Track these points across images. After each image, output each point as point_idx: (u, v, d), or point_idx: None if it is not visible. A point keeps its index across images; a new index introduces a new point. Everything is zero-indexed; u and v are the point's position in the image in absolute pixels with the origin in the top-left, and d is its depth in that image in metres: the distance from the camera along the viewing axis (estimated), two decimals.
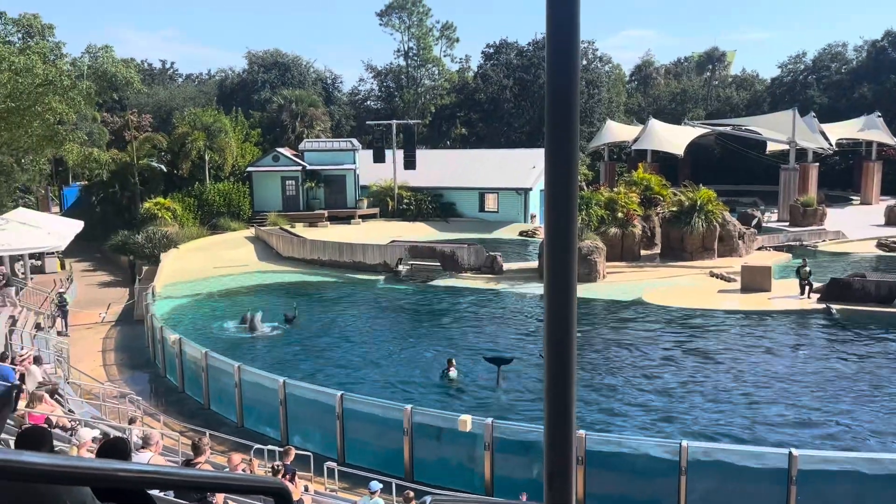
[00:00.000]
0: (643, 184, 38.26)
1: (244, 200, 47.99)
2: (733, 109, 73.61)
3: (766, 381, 19.47)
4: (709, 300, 28.08)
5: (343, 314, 28.45)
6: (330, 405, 16.22)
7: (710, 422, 17.01)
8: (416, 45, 73.98)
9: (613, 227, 34.56)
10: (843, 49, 74.00)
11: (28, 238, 30.03)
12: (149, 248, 38.33)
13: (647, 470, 13.76)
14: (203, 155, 47.75)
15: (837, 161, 61.96)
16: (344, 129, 68.44)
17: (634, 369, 20.66)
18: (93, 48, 47.53)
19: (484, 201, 50.64)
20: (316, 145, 51.73)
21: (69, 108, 30.58)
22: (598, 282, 30.77)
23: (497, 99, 67.79)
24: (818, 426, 16.61)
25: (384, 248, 36.56)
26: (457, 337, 24.70)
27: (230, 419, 18.76)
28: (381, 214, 49.99)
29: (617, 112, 73.12)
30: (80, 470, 1.43)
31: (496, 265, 33.69)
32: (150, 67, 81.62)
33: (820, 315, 25.76)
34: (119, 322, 29.54)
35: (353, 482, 14.52)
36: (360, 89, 79.94)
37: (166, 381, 22.40)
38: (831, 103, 67.53)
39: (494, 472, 14.42)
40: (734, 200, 50.75)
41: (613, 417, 17.30)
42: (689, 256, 34.64)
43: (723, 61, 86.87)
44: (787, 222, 47.33)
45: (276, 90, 64.23)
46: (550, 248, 1.84)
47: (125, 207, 46.87)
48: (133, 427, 14.09)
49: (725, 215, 36.19)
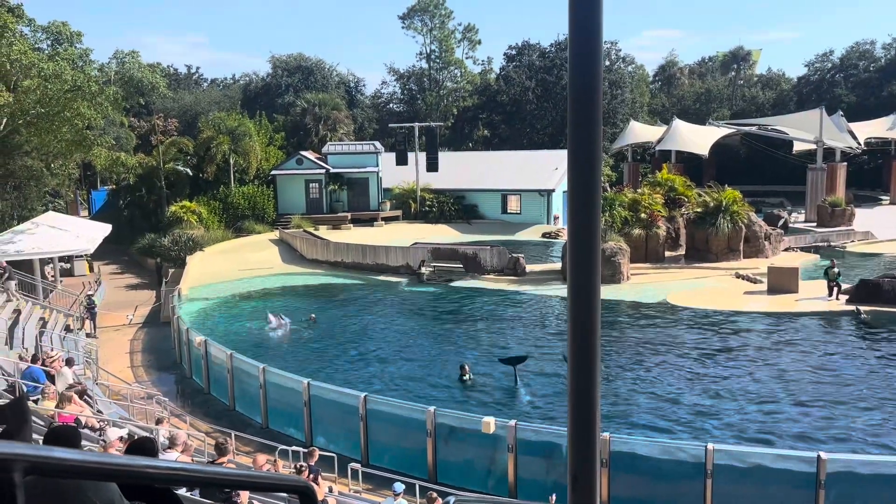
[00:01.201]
0: (667, 184, 37.94)
1: (268, 203, 48.39)
2: (759, 109, 72.75)
3: (793, 383, 19.19)
4: (735, 302, 27.76)
5: (366, 316, 28.56)
6: (353, 406, 16.29)
7: (736, 424, 16.81)
8: (439, 47, 74.11)
9: (637, 228, 34.31)
10: (871, 47, 72.80)
11: (57, 241, 30.58)
12: (175, 250, 38.78)
13: (672, 472, 13.63)
14: (228, 158, 48.23)
15: (866, 160, 60.96)
16: (367, 132, 68.76)
17: (660, 371, 20.47)
18: (120, 54, 48.27)
19: (506, 203, 50.56)
20: (339, 148, 52.04)
21: (97, 113, 31.13)
22: (623, 283, 30.56)
23: (519, 100, 67.66)
24: (846, 429, 16.33)
25: (407, 250, 36.64)
26: (479, 338, 24.68)
27: (255, 420, 18.91)
28: (403, 217, 50.13)
29: (640, 113, 72.64)
30: (110, 466, 1.46)
31: (519, 267, 33.61)
32: (175, 72, 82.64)
33: (849, 317, 25.35)
34: (146, 324, 29.90)
35: (376, 483, 14.56)
36: (383, 92, 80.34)
37: (192, 382, 22.64)
38: (860, 102, 66.45)
39: (518, 473, 14.38)
40: (760, 201, 50.17)
41: (639, 419, 17.16)
42: (714, 258, 34.28)
43: (748, 60, 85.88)
44: (814, 223, 46.66)
45: (299, 94, 64.69)
46: (574, 249, 1.84)
47: (152, 211, 47.47)
48: (160, 427, 14.27)
49: (751, 216, 35.76)
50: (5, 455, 1.26)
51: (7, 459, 1.26)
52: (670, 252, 36.03)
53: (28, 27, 35.71)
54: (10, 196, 33.42)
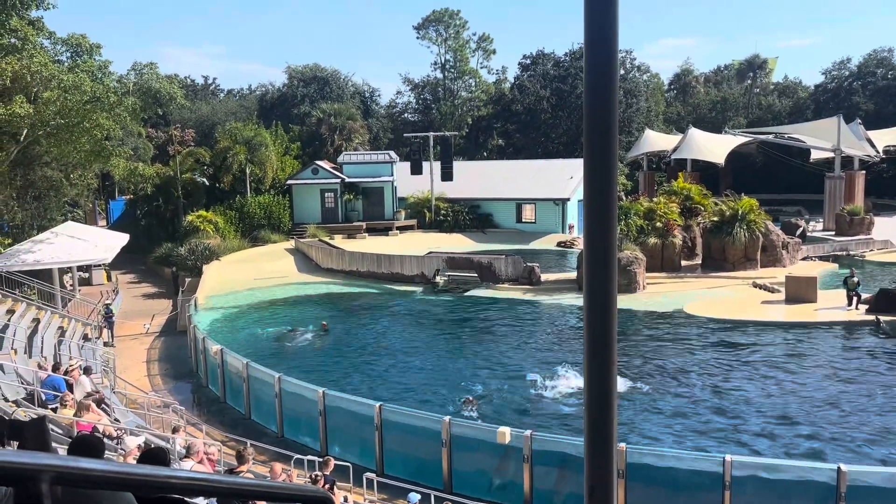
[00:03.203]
0: (683, 193, 37.75)
1: (284, 213, 48.65)
2: (775, 117, 72.32)
3: (812, 393, 18.98)
4: (752, 311, 27.51)
5: (381, 325, 28.60)
6: (369, 416, 16.28)
7: (756, 435, 16.63)
8: (453, 57, 74.40)
9: (653, 237, 34.15)
10: (889, 54, 72.20)
11: (76, 251, 30.90)
12: (191, 260, 39.05)
13: (689, 484, 13.50)
14: (244, 168, 48.57)
15: (885, 168, 60.35)
16: (382, 142, 69.06)
17: (677, 382, 20.32)
18: (138, 65, 48.88)
19: (521, 212, 50.51)
20: (354, 158, 52.28)
21: (116, 123, 31.48)
22: (639, 293, 30.40)
23: (534, 110, 67.69)
24: (867, 441, 16.11)
25: (422, 259, 36.67)
26: (494, 349, 24.61)
27: (271, 429, 18.95)
28: (418, 226, 50.22)
29: (656, 121, 72.43)
30: (134, 476, 1.48)
31: (534, 276, 33.53)
32: (192, 83, 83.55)
33: (868, 327, 25.05)
34: (163, 333, 30.09)
35: (391, 493, 14.52)
36: (398, 102, 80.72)
37: (208, 391, 22.73)
38: (878, 109, 65.87)
39: (534, 484, 14.29)
40: (777, 210, 49.81)
41: (656, 430, 17.03)
42: (730, 267, 34.02)
43: (764, 68, 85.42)
44: (832, 231, 46.21)
45: (315, 104, 65.12)
46: (590, 258, 1.84)
47: (169, 220, 47.87)
48: (176, 436, 14.33)
49: (768, 225, 35.48)
50: (34, 466, 1.28)
51: (35, 470, 1.28)
52: (686, 261, 35.81)
53: (48, 40, 36.27)
54: (30, 206, 33.84)
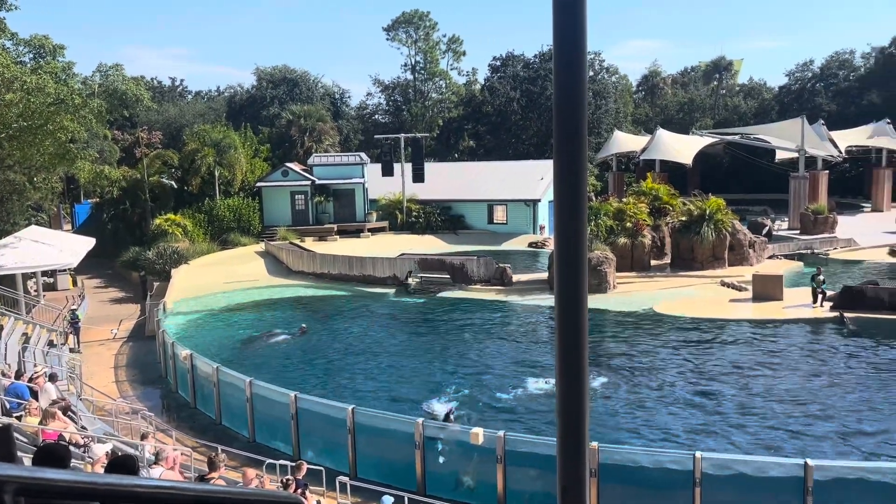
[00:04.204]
0: (652, 194, 38.17)
1: (254, 215, 48.23)
2: (741, 118, 73.44)
3: (782, 390, 19.32)
4: (721, 310, 27.92)
5: (353, 327, 28.47)
6: (341, 419, 16.20)
7: (727, 430, 16.87)
8: (424, 58, 74.38)
9: (623, 237, 34.48)
10: (850, 56, 73.78)
11: (40, 255, 30.28)
12: (160, 263, 38.52)
13: (661, 482, 13.65)
14: (213, 171, 48.05)
15: (847, 168, 61.69)
16: (352, 144, 68.76)
17: (648, 380, 20.54)
18: (103, 67, 48.12)
19: (493, 213, 50.67)
20: (325, 160, 52.02)
21: (80, 126, 30.94)
22: (609, 292, 30.66)
23: (504, 111, 67.95)
24: (834, 436, 16.44)
25: (394, 261, 36.59)
26: (467, 350, 24.65)
27: (242, 434, 18.76)
28: (390, 228, 50.12)
29: (625, 122, 73.11)
30: (101, 486, 1.44)
31: (506, 277, 33.65)
32: (159, 85, 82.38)
33: (833, 323, 25.57)
34: (131, 338, 29.64)
35: (365, 496, 14.47)
36: (368, 103, 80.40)
37: (178, 396, 22.44)
38: (840, 110, 67.24)
39: (507, 484, 14.34)
40: (744, 209, 50.54)
41: (628, 429, 17.19)
42: (699, 266, 34.48)
43: (730, 70, 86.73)
44: (797, 230, 47.05)
45: (284, 106, 64.64)
46: (560, 258, 1.85)
47: (136, 224, 47.17)
48: (145, 443, 14.11)
49: (735, 224, 36.03)
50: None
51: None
52: (656, 261, 36.22)
53: (10, 41, 35.51)
54: None
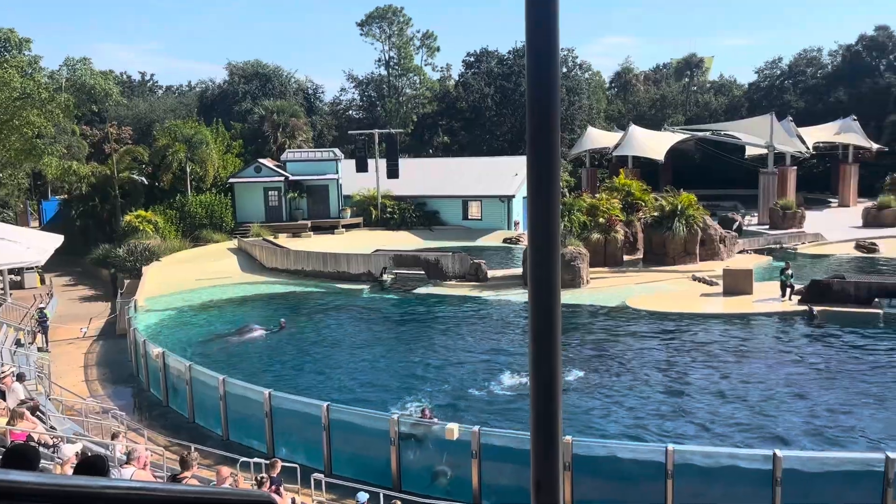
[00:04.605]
0: (625, 189, 38.51)
1: (226, 212, 47.76)
2: (712, 115, 74.32)
3: (752, 383, 19.62)
4: (692, 304, 28.27)
5: (328, 324, 28.35)
6: (316, 416, 16.13)
7: (699, 424, 17.10)
8: (397, 54, 74.20)
9: (596, 232, 34.74)
10: (818, 54, 75.04)
11: (6, 253, 29.62)
12: (130, 261, 37.99)
13: (634, 475, 13.80)
14: (184, 167, 47.48)
15: (815, 164, 62.72)
16: (326, 139, 68.39)
17: (622, 374, 20.73)
18: (70, 61, 47.29)
19: (467, 209, 50.73)
20: (298, 156, 51.65)
21: (47, 121, 30.40)
22: (583, 288, 30.88)
23: (479, 107, 68.04)
24: (802, 426, 16.75)
25: (368, 257, 36.48)
26: (443, 345, 24.68)
27: (215, 432, 18.60)
28: (364, 224, 49.96)
29: (598, 119, 73.60)
30: (70, 488, 1.42)
31: (481, 273, 33.73)
32: (129, 79, 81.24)
33: (801, 317, 26.02)
34: (101, 337, 29.21)
35: (340, 493, 14.43)
36: (342, 99, 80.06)
37: (150, 395, 22.18)
38: (808, 107, 68.35)
39: (483, 479, 14.39)
40: (715, 205, 51.16)
41: (602, 422, 17.34)
42: (671, 261, 34.86)
43: (701, 67, 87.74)
44: (767, 225, 47.78)
45: (257, 101, 64.06)
46: (533, 254, 1.85)
47: (106, 221, 46.44)
48: (116, 442, 13.93)
49: (706, 219, 36.48)
50: None
51: None
52: (628, 256, 36.55)
53: None
54: None
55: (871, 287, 26.85)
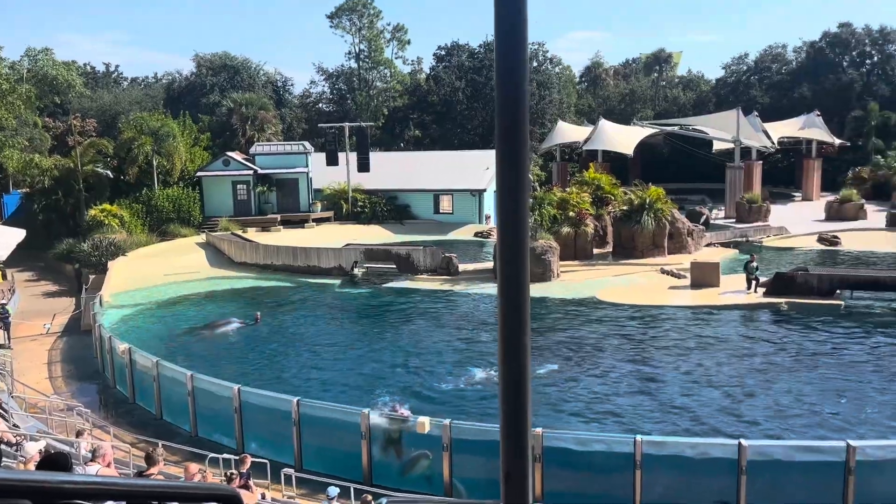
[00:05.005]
0: (594, 183, 38.80)
1: (194, 206, 47.15)
2: (680, 109, 75.15)
3: (719, 373, 19.93)
4: (661, 297, 28.63)
5: (299, 319, 28.16)
6: (286, 411, 16.04)
7: (667, 414, 17.33)
8: (368, 47, 73.72)
9: (566, 226, 34.97)
10: (783, 50, 76.26)
11: None
12: (95, 256, 37.35)
13: (604, 465, 13.95)
14: (151, 160, 46.74)
15: (780, 159, 63.78)
16: (295, 133, 67.79)
17: (592, 367, 20.92)
18: (32, 51, 46.20)
19: (439, 203, 50.70)
20: (267, 149, 51.15)
21: (8, 112, 29.67)
22: (553, 281, 31.09)
23: (450, 101, 67.97)
24: (767, 416, 17.07)
25: (339, 251, 36.30)
26: (414, 339, 24.67)
27: (184, 429, 18.40)
28: (335, 218, 49.67)
29: (568, 113, 73.96)
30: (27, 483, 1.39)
31: (452, 266, 33.76)
32: (93, 71, 79.62)
33: (767, 309, 26.50)
34: (65, 333, 28.70)
35: (311, 488, 14.38)
36: (312, 92, 79.35)
37: (116, 392, 21.86)
38: (773, 103, 69.47)
39: (454, 472, 14.43)
40: (683, 198, 51.81)
41: (573, 414, 17.48)
42: (640, 254, 35.25)
43: (669, 62, 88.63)
44: (733, 219, 48.52)
45: (225, 93, 63.23)
46: (503, 248, 1.85)
47: (69, 215, 45.56)
48: (81, 440, 13.70)
49: (674, 213, 36.94)
50: None
51: None
52: (598, 249, 36.88)
53: None
54: None
55: (834, 279, 27.46)
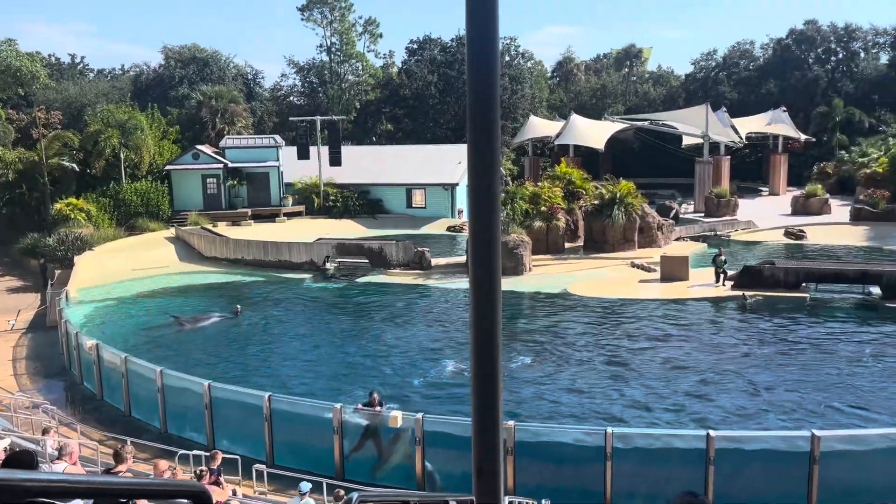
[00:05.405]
0: (566, 178, 39.01)
1: (163, 200, 46.51)
2: (650, 105, 75.78)
3: (688, 365, 20.20)
4: (631, 290, 28.92)
5: (270, 314, 27.95)
6: (258, 406, 15.92)
7: (637, 406, 17.52)
8: (339, 40, 73.18)
9: (538, 220, 35.14)
10: (750, 47, 77.26)
11: None
12: (61, 250, 36.67)
13: (575, 457, 14.06)
14: (118, 153, 45.97)
15: (747, 154, 64.66)
16: (266, 126, 67.11)
17: (564, 359, 21.07)
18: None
19: (411, 197, 50.60)
20: (237, 142, 50.57)
21: None
22: (525, 275, 31.23)
23: (422, 94, 67.78)
24: (735, 407, 17.35)
25: (311, 245, 36.07)
26: (385, 334, 24.63)
27: (153, 425, 18.18)
28: (307, 212, 49.33)
29: (540, 108, 74.18)
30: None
31: (425, 261, 33.74)
32: (58, 62, 77.96)
33: (734, 301, 26.90)
34: (30, 329, 28.17)
35: (283, 484, 14.31)
36: (283, 85, 78.54)
37: (83, 388, 21.51)
38: (741, 98, 70.39)
39: (427, 466, 14.46)
40: (653, 193, 52.23)
41: (546, 407, 17.60)
42: (610, 248, 35.56)
43: (640, 58, 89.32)
44: (702, 213, 49.11)
45: (194, 86, 62.35)
46: (475, 242, 1.85)
47: (34, 209, 44.70)
48: (47, 438, 13.45)
49: (645, 207, 37.30)
50: None
51: None
52: (570, 243, 37.11)
53: None
54: None
55: (800, 272, 27.98)
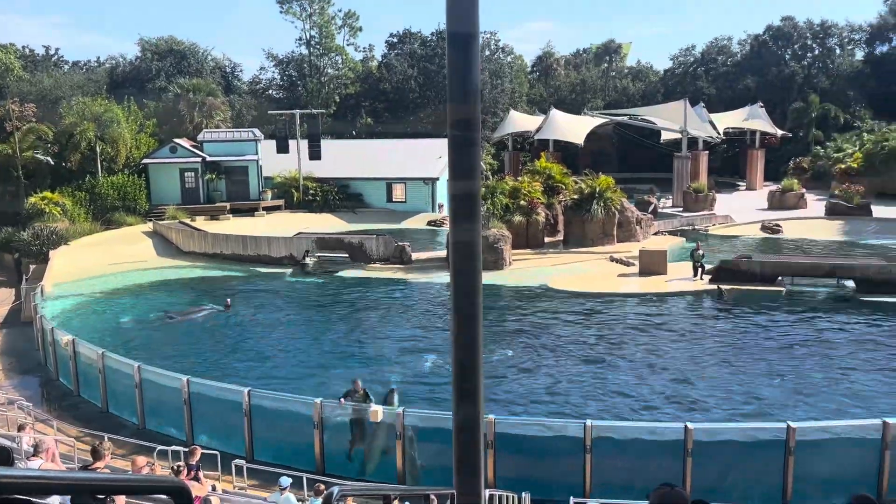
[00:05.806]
0: (546, 172, 39.15)
1: (140, 194, 46.03)
2: (630, 100, 76.15)
3: (666, 358, 20.40)
4: (610, 284, 29.12)
5: (250, 309, 27.79)
6: (237, 402, 15.84)
7: (615, 399, 17.67)
8: (319, 33, 72.66)
9: (518, 215, 35.24)
10: (728, 43, 77.92)
11: None
12: (36, 245, 36.17)
13: (555, 450, 14.16)
14: (94, 146, 45.39)
15: (725, 149, 65.26)
16: (245, 120, 66.52)
17: (544, 353, 21.18)
18: None
19: (391, 191, 50.51)
20: (216, 136, 50.14)
21: None
22: (505, 269, 31.33)
23: (402, 88, 67.59)
24: (712, 399, 17.56)
25: (290, 240, 35.89)
26: (366, 328, 24.61)
27: (131, 421, 18.02)
28: (286, 206, 49.06)
29: (520, 102, 74.26)
30: None
31: (405, 255, 33.72)
32: (32, 54, 76.65)
33: (711, 295, 27.19)
34: (5, 325, 27.79)
35: (263, 479, 14.25)
36: (262, 78, 77.88)
37: (59, 384, 21.27)
38: (719, 94, 71.00)
39: (406, 460, 14.48)
40: (632, 188, 52.62)
41: (527, 400, 17.69)
42: (590, 242, 35.77)
43: (619, 53, 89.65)
44: (680, 208, 49.52)
45: (171, 79, 61.67)
46: (455, 235, 1.87)
47: (8, 203, 44.01)
48: (23, 434, 13.29)
49: (624, 202, 37.54)
50: None
51: None
52: (549, 238, 37.27)
53: None
54: None
55: (776, 266, 28.33)
